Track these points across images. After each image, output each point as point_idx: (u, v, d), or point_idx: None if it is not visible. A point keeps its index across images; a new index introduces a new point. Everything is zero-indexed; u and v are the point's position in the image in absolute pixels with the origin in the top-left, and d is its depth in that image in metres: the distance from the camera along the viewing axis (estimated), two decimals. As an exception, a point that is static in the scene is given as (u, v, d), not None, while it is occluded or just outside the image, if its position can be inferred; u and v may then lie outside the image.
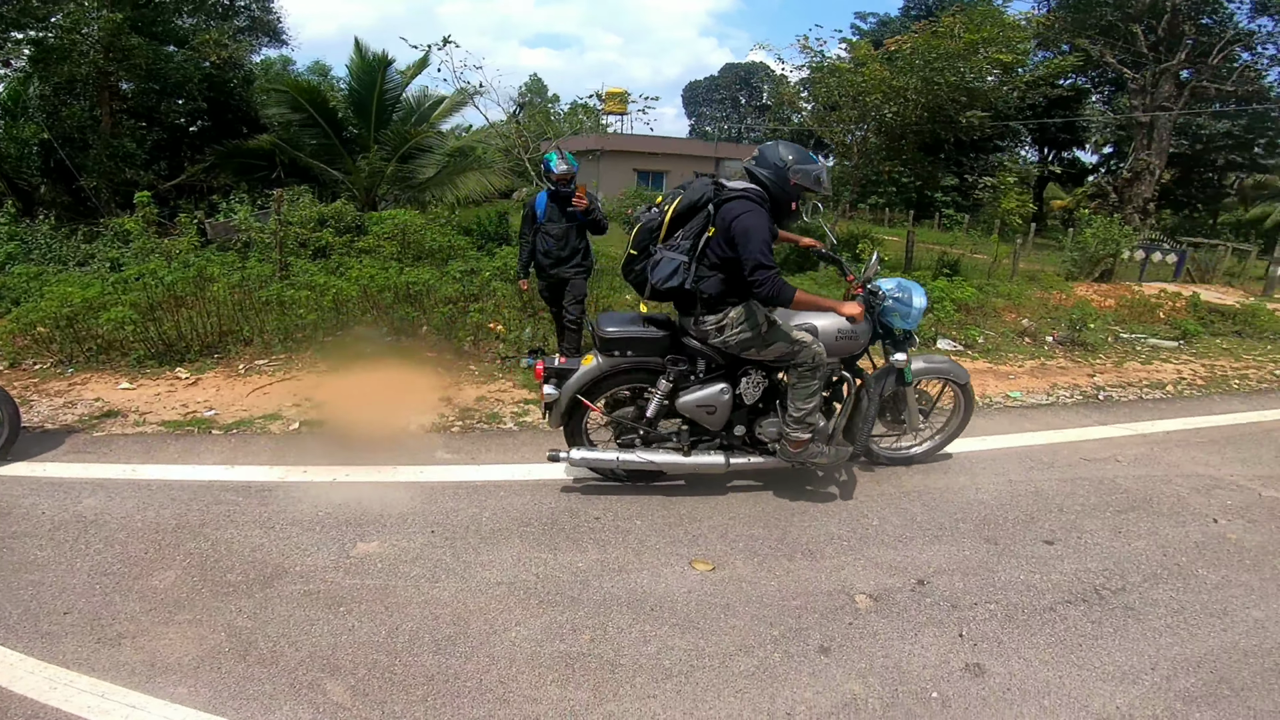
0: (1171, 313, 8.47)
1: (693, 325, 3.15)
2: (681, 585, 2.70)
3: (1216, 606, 2.72)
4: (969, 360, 6.45)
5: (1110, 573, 2.93)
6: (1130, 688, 2.25)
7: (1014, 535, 3.23)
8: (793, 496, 3.50)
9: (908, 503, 3.50)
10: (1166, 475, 3.98)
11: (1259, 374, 6.48)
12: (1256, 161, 28.93)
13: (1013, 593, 2.77)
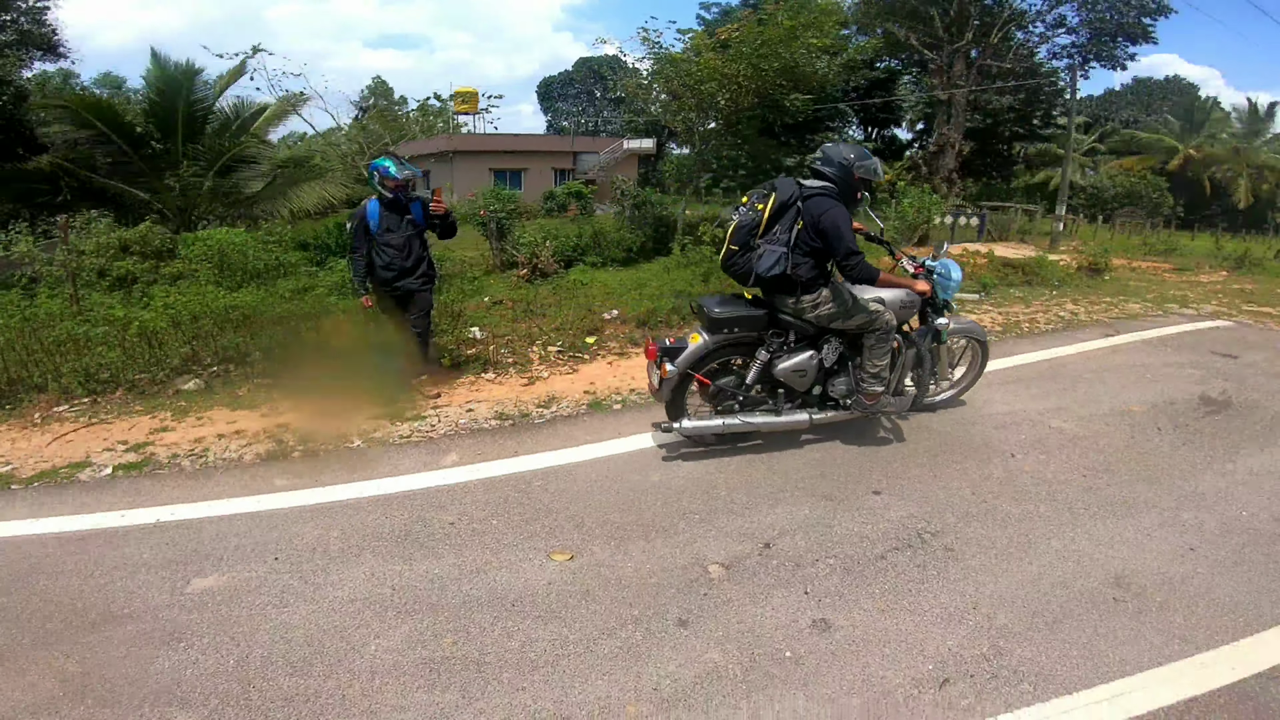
0: (975, 269, 9.68)
1: (790, 304, 3.62)
2: (541, 578, 2.71)
3: (1021, 539, 3.03)
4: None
5: (930, 516, 3.21)
6: (957, 628, 2.45)
7: (847, 489, 3.47)
8: (646, 478, 3.59)
9: (752, 470, 3.69)
10: (973, 417, 4.50)
11: (1045, 317, 7.57)
12: (1036, 132, 33.72)
13: (849, 545, 2.95)
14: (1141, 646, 2.35)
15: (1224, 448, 4.05)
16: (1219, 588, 2.68)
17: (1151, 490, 3.50)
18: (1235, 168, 31.77)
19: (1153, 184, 29.34)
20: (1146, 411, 4.62)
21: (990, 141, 34.19)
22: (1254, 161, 31.99)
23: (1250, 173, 31.63)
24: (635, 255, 11.94)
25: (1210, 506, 3.34)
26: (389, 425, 4.33)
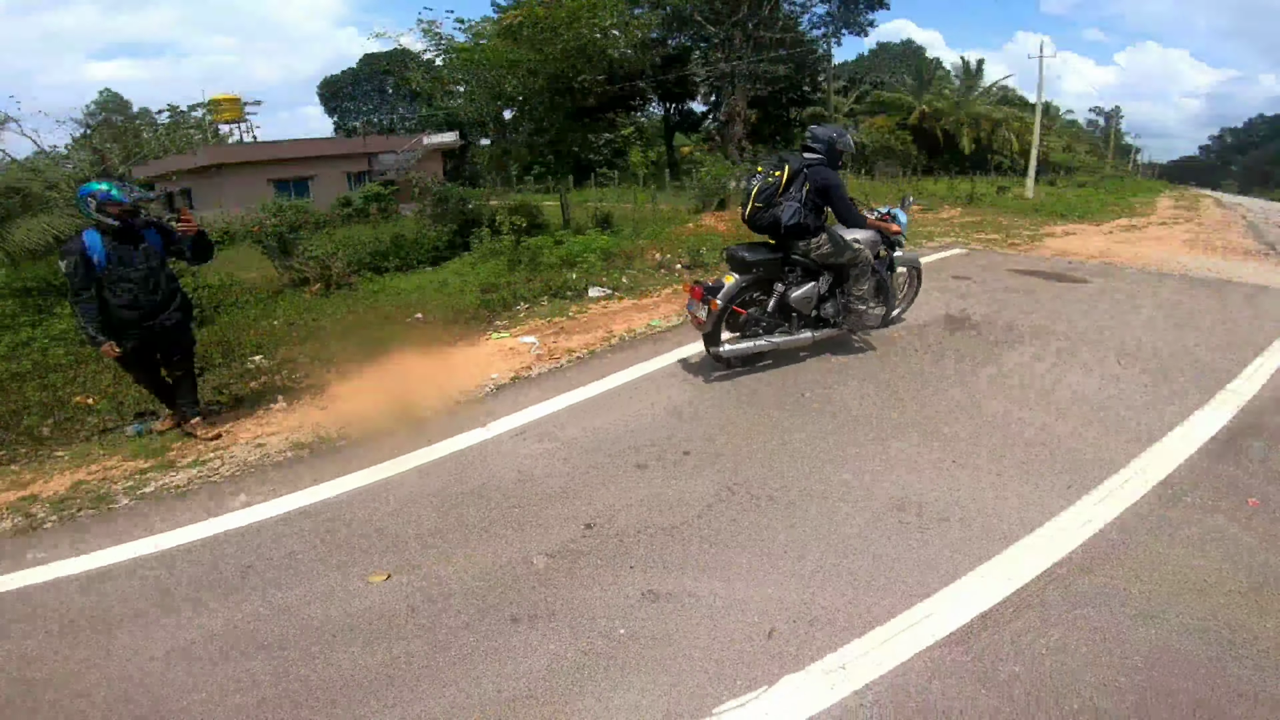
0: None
1: (801, 246, 4.51)
2: (361, 603, 2.55)
3: (817, 476, 3.21)
4: (618, 300, 7.12)
5: (738, 468, 3.33)
6: (773, 576, 2.52)
7: (659, 455, 3.51)
8: (464, 485, 3.40)
9: (567, 452, 3.62)
10: (766, 364, 4.76)
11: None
12: (808, 98, 37.28)
13: (667, 512, 2.99)
14: (931, 566, 2.56)
15: (968, 360, 4.72)
16: (983, 495, 3.03)
17: (916, 408, 3.95)
18: (959, 119, 37.82)
19: (900, 138, 34.04)
20: (906, 337, 5.28)
21: (772, 109, 37.27)
22: (972, 112, 38.24)
23: (970, 122, 37.84)
24: (444, 253, 11.36)
25: (964, 417, 3.82)
26: (161, 477, 3.71)
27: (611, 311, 6.74)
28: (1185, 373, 4.50)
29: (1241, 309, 6.44)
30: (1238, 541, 2.68)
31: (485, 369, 5.14)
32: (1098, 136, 62.25)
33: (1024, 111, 37.33)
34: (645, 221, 12.32)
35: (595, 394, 4.45)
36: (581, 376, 4.80)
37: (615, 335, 5.86)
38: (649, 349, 5.38)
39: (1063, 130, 51.33)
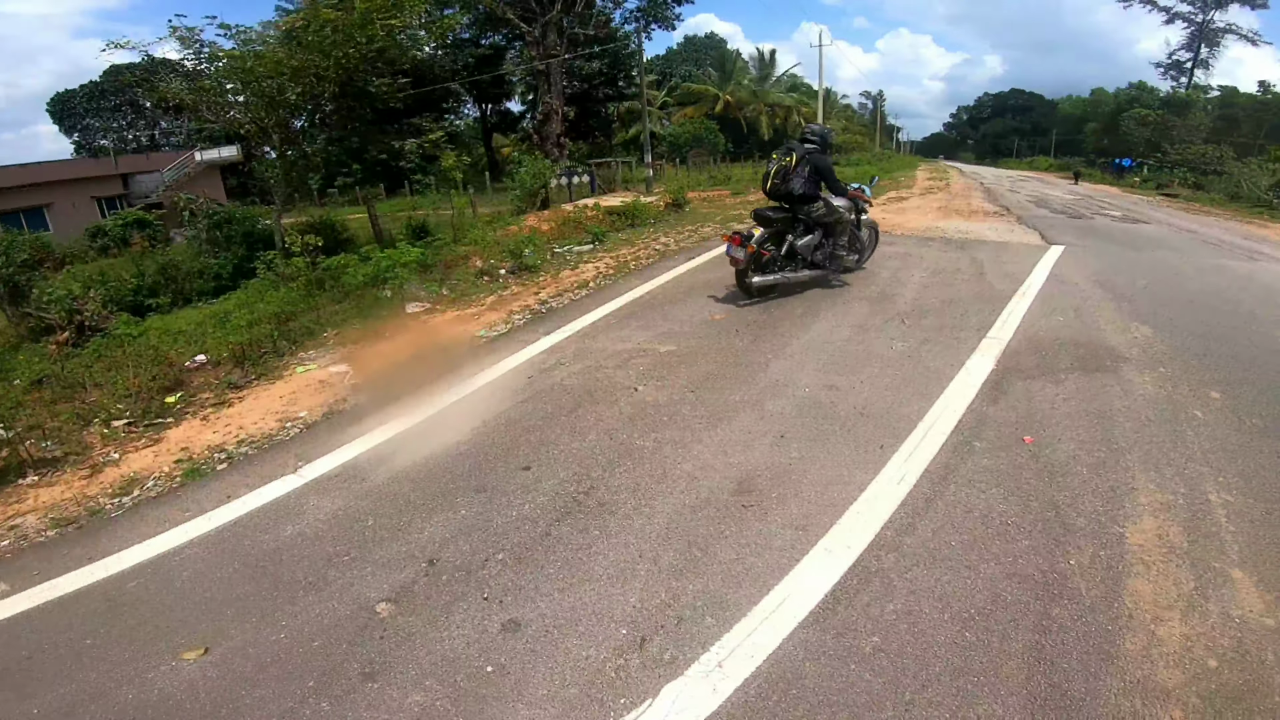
0: (589, 220, 10.47)
1: (805, 209, 5.95)
2: (176, 682, 2.21)
3: (658, 472, 3.16)
4: (439, 314, 6.64)
5: (580, 475, 3.18)
6: (634, 582, 2.43)
7: (498, 474, 3.28)
8: (278, 535, 2.95)
9: (397, 485, 3.27)
10: (597, 363, 4.66)
11: (646, 253, 8.52)
12: (622, 92, 38.18)
13: (513, 533, 2.79)
14: (779, 548, 2.58)
15: (779, 335, 4.96)
16: (812, 466, 3.14)
17: (742, 389, 4.04)
18: (757, 107, 41.05)
19: (709, 127, 36.16)
20: (725, 319, 5.46)
21: (589, 104, 37.73)
22: (769, 100, 41.73)
23: (767, 110, 41.25)
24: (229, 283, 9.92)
25: (784, 391, 3.97)
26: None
27: (433, 326, 6.27)
28: (954, 326, 5.13)
29: (990, 265, 7.58)
30: (1024, 480, 3.02)
31: (291, 407, 4.50)
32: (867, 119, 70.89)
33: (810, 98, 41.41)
34: (466, 228, 11.73)
35: (423, 417, 4.07)
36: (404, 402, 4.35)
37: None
38: (475, 362, 5.04)
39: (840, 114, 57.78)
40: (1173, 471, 3.08)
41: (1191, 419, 3.60)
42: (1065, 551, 2.55)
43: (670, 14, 29.54)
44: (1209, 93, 46.82)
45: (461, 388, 4.50)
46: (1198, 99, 45.05)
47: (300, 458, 3.69)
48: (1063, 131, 63.46)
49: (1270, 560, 2.49)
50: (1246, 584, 2.37)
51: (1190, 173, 32.13)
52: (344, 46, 11.11)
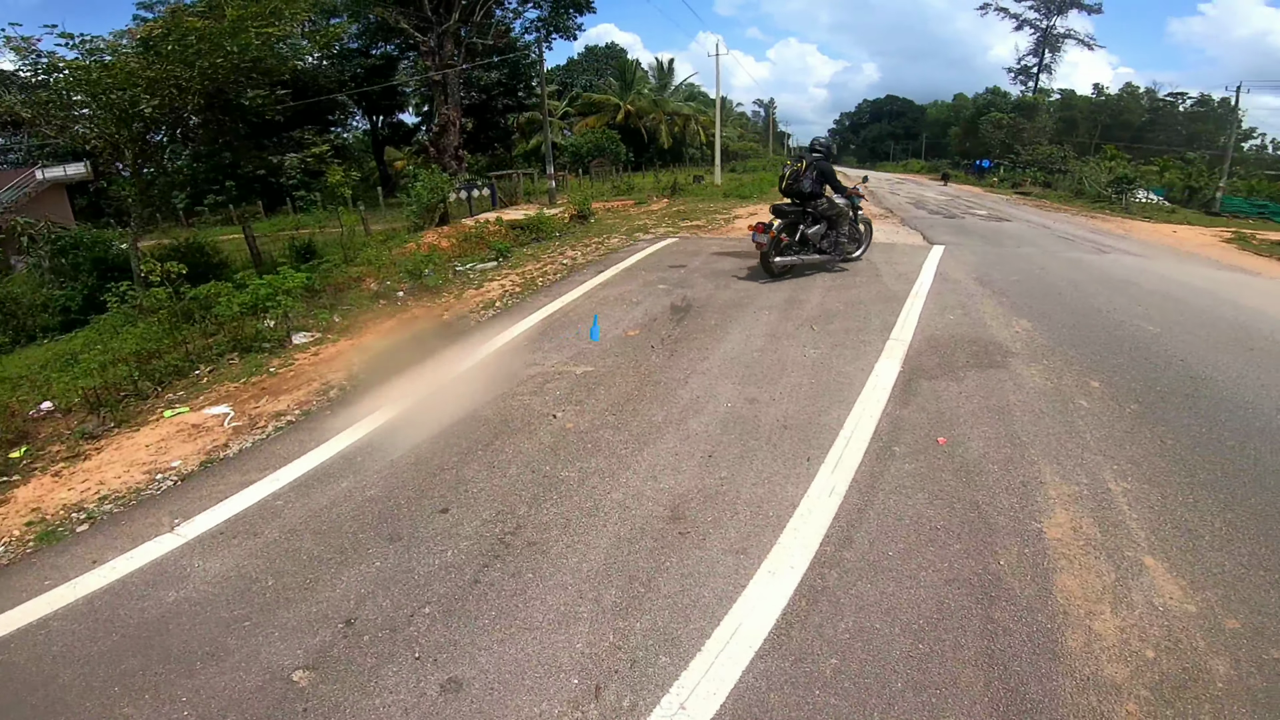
0: (491, 235, 10.08)
1: (813, 204, 7.25)
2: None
3: (588, 504, 2.96)
4: (331, 344, 6.10)
5: (504, 515, 2.94)
6: (578, 627, 2.25)
7: (413, 519, 3.00)
8: (162, 600, 2.57)
9: (296, 539, 2.89)
10: (511, 389, 4.38)
11: (553, 267, 8.28)
12: (523, 103, 37.58)
13: (439, 583, 2.55)
14: (722, 575, 2.48)
15: (695, 348, 4.90)
16: (744, 485, 3.06)
17: (664, 408, 3.92)
18: (657, 116, 41.77)
19: (610, 137, 36.35)
20: (640, 333, 5.35)
21: (488, 115, 36.84)
22: (668, 109, 42.56)
23: (667, 119, 42.06)
24: (80, 317, 8.71)
25: (706, 407, 3.89)
26: None
27: (324, 358, 5.72)
28: (860, 330, 5.30)
29: (884, 266, 7.97)
30: (944, 482, 3.09)
31: (161, 457, 3.93)
32: (760, 126, 74.10)
33: (708, 106, 42.62)
34: (357, 247, 10.99)
35: (320, 461, 3.65)
36: (297, 444, 3.92)
37: (333, 386, 4.94)
38: (374, 400, 4.63)
39: (736, 122, 60.02)
40: (1072, 463, 3.26)
41: (1079, 409, 3.86)
42: (994, 552, 2.61)
43: (571, 24, 29.44)
44: (1051, 96, 52.65)
45: (361, 425, 4.10)
46: (1043, 102, 50.54)
47: (177, 514, 3.23)
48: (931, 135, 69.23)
49: (1175, 545, 2.65)
50: (1160, 571, 2.51)
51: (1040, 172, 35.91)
52: (210, 56, 10.21)
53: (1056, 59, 55.37)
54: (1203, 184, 28.47)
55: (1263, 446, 3.47)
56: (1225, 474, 3.19)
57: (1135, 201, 24.10)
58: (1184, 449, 3.42)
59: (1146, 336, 5.35)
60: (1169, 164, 33.61)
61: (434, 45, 22.63)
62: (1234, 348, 5.20)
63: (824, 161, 7.28)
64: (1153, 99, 49.83)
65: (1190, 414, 3.85)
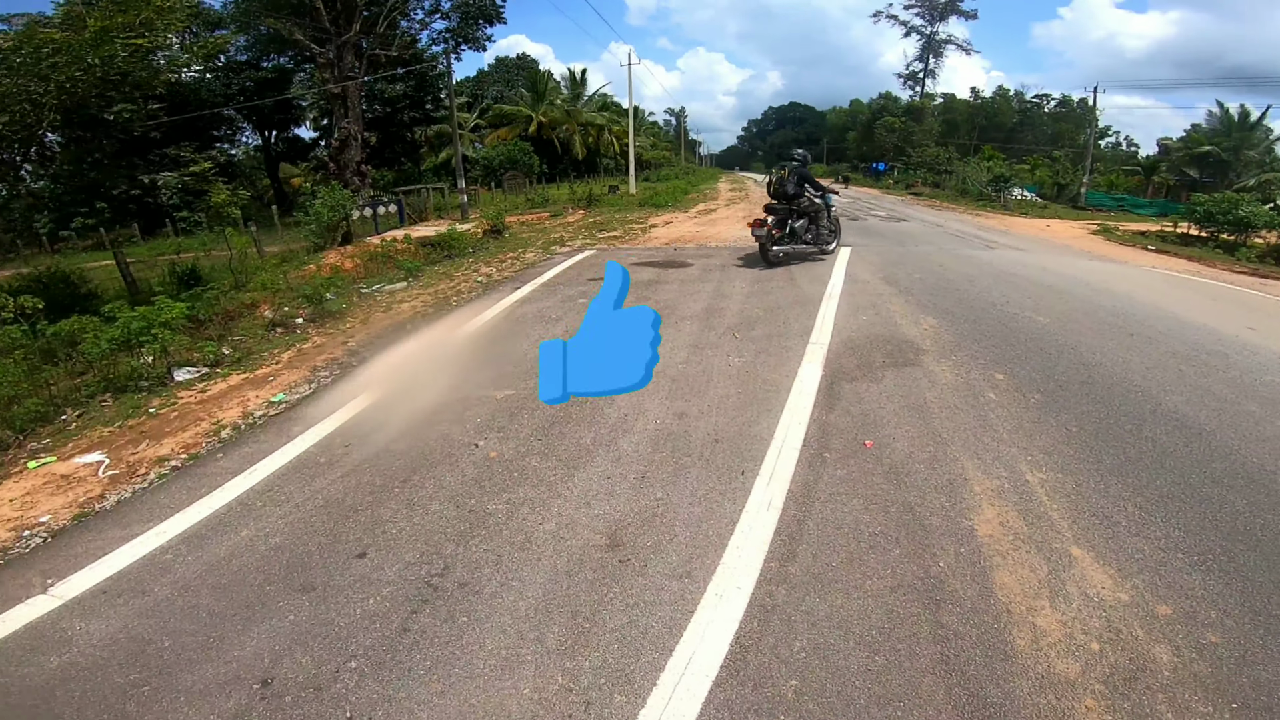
0: (399, 254, 9.59)
1: (798, 203, 8.68)
2: None
3: (520, 538, 2.77)
4: (221, 379, 5.54)
5: (430, 555, 2.72)
6: (522, 671, 2.11)
7: (327, 567, 2.72)
8: (41, 668, 2.31)
9: (193, 597, 2.57)
10: (427, 419, 4.08)
11: (467, 285, 7.95)
12: (430, 115, 36.38)
13: (363, 635, 2.31)
14: (669, 602, 2.36)
15: None
16: (680, 505, 2.95)
17: (592, 430, 3.76)
18: (570, 127, 41.60)
19: (523, 149, 35.83)
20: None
21: (393, 129, 35.35)
22: (582, 120, 42.43)
23: (580, 129, 41.97)
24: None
25: (635, 425, 3.77)
26: None
27: (213, 396, 5.19)
28: (781, 335, 5.36)
29: (798, 269, 8.18)
30: (876, 486, 3.11)
31: (27, 512, 3.46)
32: (672, 134, 75.54)
33: (621, 116, 42.87)
34: (250, 271, 10.16)
35: (213, 510, 3.29)
36: (185, 491, 3.53)
37: (224, 426, 4.47)
38: (274, 436, 4.21)
39: (649, 131, 60.79)
40: (991, 456, 3.37)
41: (989, 402, 4.03)
42: (932, 554, 2.63)
43: (481, 35, 28.53)
44: (935, 100, 56.71)
45: (261, 465, 3.72)
46: (928, 106, 54.35)
47: (50, 573, 2.86)
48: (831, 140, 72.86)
49: (1096, 533, 2.76)
50: (1088, 561, 2.60)
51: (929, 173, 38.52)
52: (69, 69, 9.20)
53: (939, 64, 59.77)
54: (1069, 181, 31.49)
55: (1157, 429, 3.73)
56: (1128, 458, 3.38)
57: (1012, 199, 26.27)
58: (1088, 435, 3.62)
59: (1038, 328, 5.72)
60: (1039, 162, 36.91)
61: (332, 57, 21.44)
62: (1116, 334, 5.65)
63: (802, 168, 8.68)
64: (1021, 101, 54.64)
65: (1088, 401, 4.10)
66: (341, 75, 21.36)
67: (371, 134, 30.73)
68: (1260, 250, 13.55)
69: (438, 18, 26.25)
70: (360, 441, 3.91)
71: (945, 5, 55.78)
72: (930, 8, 56.33)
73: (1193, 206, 15.74)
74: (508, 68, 50.12)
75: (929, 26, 57.30)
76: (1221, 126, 30.35)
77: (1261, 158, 28.92)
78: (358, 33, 21.76)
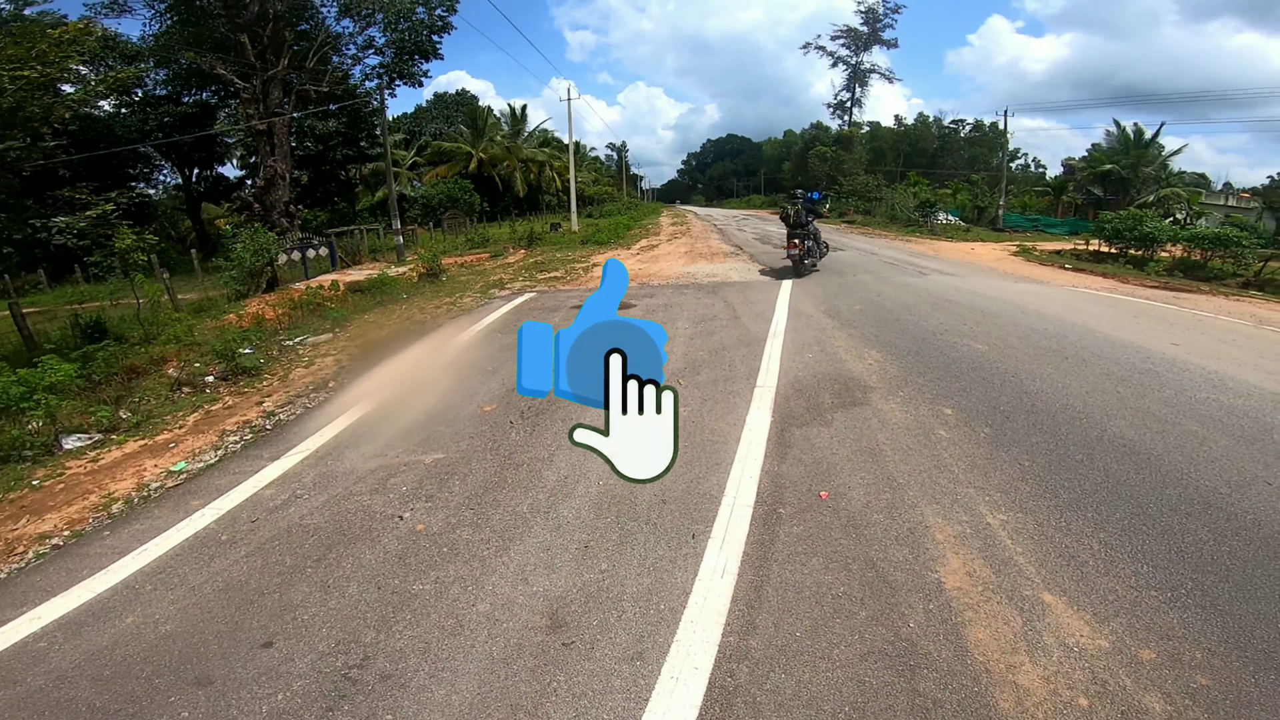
0: (325, 300, 9.05)
1: (807, 228, 11.75)
2: None
3: (451, 623, 2.50)
4: (116, 446, 4.94)
5: (347, 644, 2.41)
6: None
7: (227, 658, 2.39)
8: None
9: (70, 689, 2.30)
10: (347, 489, 3.70)
11: (401, 330, 7.54)
12: (365, 153, 35.44)
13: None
14: (620, 689, 2.14)
15: (559, 419, 4.46)
16: (628, 577, 2.69)
17: (530, 495, 3.46)
18: (511, 164, 41.47)
19: (463, 187, 35.36)
20: (497, 408, 4.81)
21: (325, 167, 34.25)
22: (522, 156, 42.37)
23: (521, 166, 41.90)
24: None
25: (576, 489, 3.48)
26: None
27: (106, 465, 4.63)
28: (727, 379, 5.19)
29: (741, 306, 8.12)
30: (835, 542, 2.92)
31: None
32: (614, 169, 76.55)
33: (561, 152, 43.00)
34: (163, 322, 9.38)
35: (96, 593, 2.94)
36: (65, 572, 3.18)
37: (116, 499, 3.98)
38: (170, 511, 3.72)
39: (590, 166, 61.37)
40: (949, 500, 3.25)
41: (940, 440, 3.94)
42: (901, 614, 2.45)
43: (417, 71, 27.91)
44: (863, 129, 59.61)
45: (151, 546, 3.29)
46: (857, 134, 57.01)
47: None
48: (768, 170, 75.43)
49: (1065, 575, 2.64)
50: (1061, 608, 2.47)
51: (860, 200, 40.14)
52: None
53: (865, 93, 63.15)
54: (987, 204, 33.35)
55: (1107, 456, 3.70)
56: (1084, 491, 3.32)
57: (938, 224, 27.56)
58: (1041, 469, 3.55)
59: (977, 355, 5.77)
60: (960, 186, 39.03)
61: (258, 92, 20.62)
62: (1052, 357, 5.75)
63: (808, 201, 11.89)
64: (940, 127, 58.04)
65: (1036, 431, 4.07)
66: (268, 111, 20.58)
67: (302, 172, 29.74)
68: (1167, 264, 14.48)
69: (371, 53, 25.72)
70: (269, 516, 3.51)
71: (869, 36, 59.27)
72: (855, 39, 59.68)
73: (1101, 224, 16.77)
74: (447, 104, 49.71)
75: (854, 57, 60.57)
76: (1120, 145, 32.69)
77: (1158, 174, 31.26)
78: (286, 68, 21.06)
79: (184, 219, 33.67)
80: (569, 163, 30.39)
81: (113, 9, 19.45)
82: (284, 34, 21.16)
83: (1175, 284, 12.32)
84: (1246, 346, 6.56)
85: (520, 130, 44.22)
